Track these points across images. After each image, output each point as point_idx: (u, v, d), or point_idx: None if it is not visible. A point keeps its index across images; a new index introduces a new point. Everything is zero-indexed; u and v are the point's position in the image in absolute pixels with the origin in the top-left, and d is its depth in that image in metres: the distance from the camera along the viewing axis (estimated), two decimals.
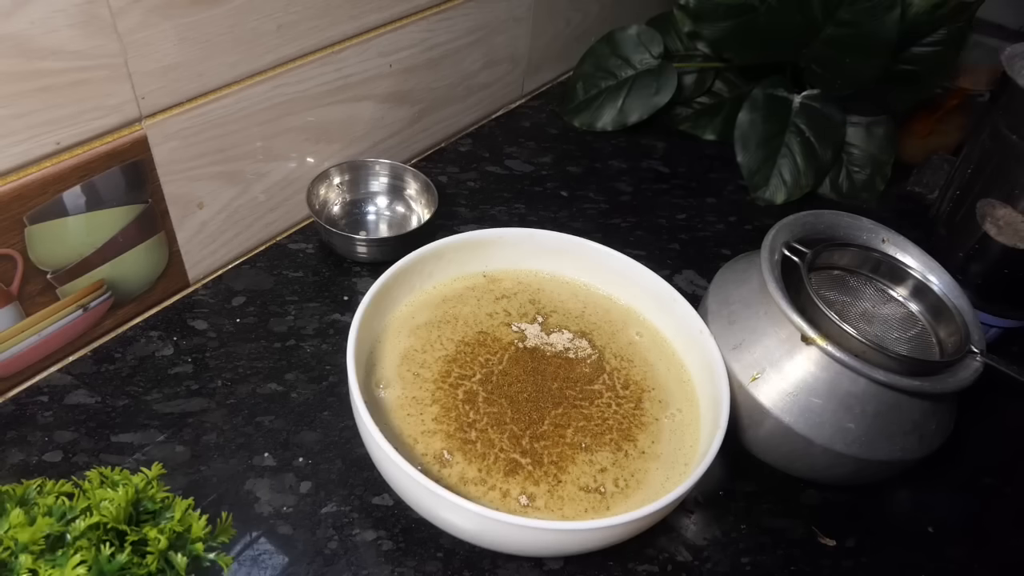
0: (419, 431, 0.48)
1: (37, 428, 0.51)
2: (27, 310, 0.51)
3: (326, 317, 0.61)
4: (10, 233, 0.48)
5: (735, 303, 0.54)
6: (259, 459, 0.51)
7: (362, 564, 0.47)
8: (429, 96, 0.76)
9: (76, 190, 0.50)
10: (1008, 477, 0.58)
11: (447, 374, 0.52)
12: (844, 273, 0.56)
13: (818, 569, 0.50)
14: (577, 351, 0.55)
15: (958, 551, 0.53)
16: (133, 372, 0.55)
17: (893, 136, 0.81)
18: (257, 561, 0.46)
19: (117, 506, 0.34)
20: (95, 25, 0.46)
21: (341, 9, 0.61)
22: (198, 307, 0.60)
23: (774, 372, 0.50)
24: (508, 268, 0.60)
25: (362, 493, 0.50)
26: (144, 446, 0.51)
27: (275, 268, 0.65)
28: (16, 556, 0.32)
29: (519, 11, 0.82)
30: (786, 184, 0.79)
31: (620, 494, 0.47)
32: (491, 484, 0.46)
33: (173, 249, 0.59)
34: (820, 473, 0.52)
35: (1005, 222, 0.61)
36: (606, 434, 0.50)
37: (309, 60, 0.61)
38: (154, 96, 0.52)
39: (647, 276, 0.57)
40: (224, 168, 0.60)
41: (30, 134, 0.46)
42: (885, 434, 0.49)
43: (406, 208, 0.71)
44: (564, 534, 0.42)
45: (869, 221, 0.57)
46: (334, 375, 0.57)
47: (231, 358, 0.57)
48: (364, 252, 0.64)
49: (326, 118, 0.66)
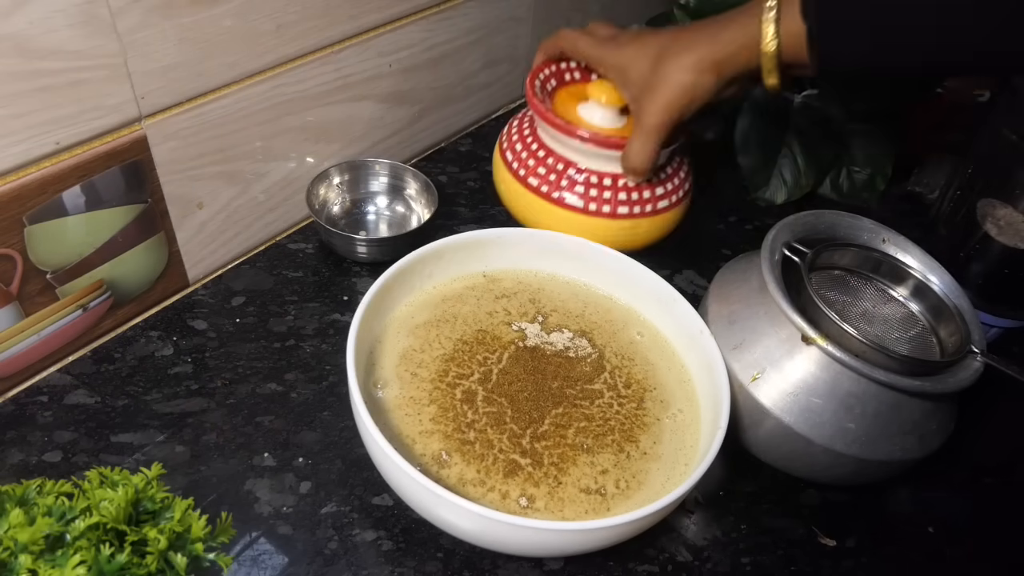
0: (417, 431, 0.48)
1: (37, 428, 0.51)
2: (27, 310, 0.51)
3: (326, 317, 0.61)
4: (10, 233, 0.48)
5: (735, 303, 0.54)
6: (259, 459, 0.51)
7: (362, 564, 0.47)
8: (429, 96, 0.76)
9: (76, 190, 0.50)
10: (1008, 477, 0.58)
11: (444, 373, 0.52)
12: (844, 273, 0.56)
13: (818, 569, 0.50)
14: (577, 350, 0.55)
15: (958, 551, 0.53)
16: (133, 372, 0.55)
17: (893, 136, 0.81)
18: (257, 561, 0.46)
19: (117, 506, 0.34)
20: (94, 25, 0.46)
21: (341, 9, 0.61)
22: (198, 307, 0.60)
23: (774, 372, 0.50)
24: (508, 268, 0.60)
25: (362, 493, 0.50)
26: (144, 446, 0.51)
27: (275, 268, 0.65)
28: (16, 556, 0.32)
29: (519, 11, 0.82)
30: (786, 184, 0.79)
31: (621, 495, 0.47)
32: (490, 485, 0.46)
33: (173, 249, 0.59)
34: (820, 473, 0.51)
35: (1005, 222, 0.61)
36: (608, 435, 0.50)
37: (309, 60, 0.61)
38: (154, 96, 0.52)
39: (647, 276, 0.57)
40: (224, 168, 0.60)
41: (29, 134, 0.46)
42: (885, 434, 0.49)
43: (406, 208, 0.71)
44: (564, 534, 0.42)
45: (869, 221, 0.57)
46: (334, 375, 0.57)
47: (231, 358, 0.57)
48: (364, 252, 0.64)
49: (326, 118, 0.66)
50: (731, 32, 0.50)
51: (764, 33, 0.49)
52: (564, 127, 0.57)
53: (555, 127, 0.58)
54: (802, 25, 0.47)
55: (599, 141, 0.57)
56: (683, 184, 0.62)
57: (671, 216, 0.61)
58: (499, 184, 0.64)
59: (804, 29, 0.47)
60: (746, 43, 0.50)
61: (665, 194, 0.60)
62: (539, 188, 0.60)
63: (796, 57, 0.49)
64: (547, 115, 0.58)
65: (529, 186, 0.60)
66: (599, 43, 0.58)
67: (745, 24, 0.50)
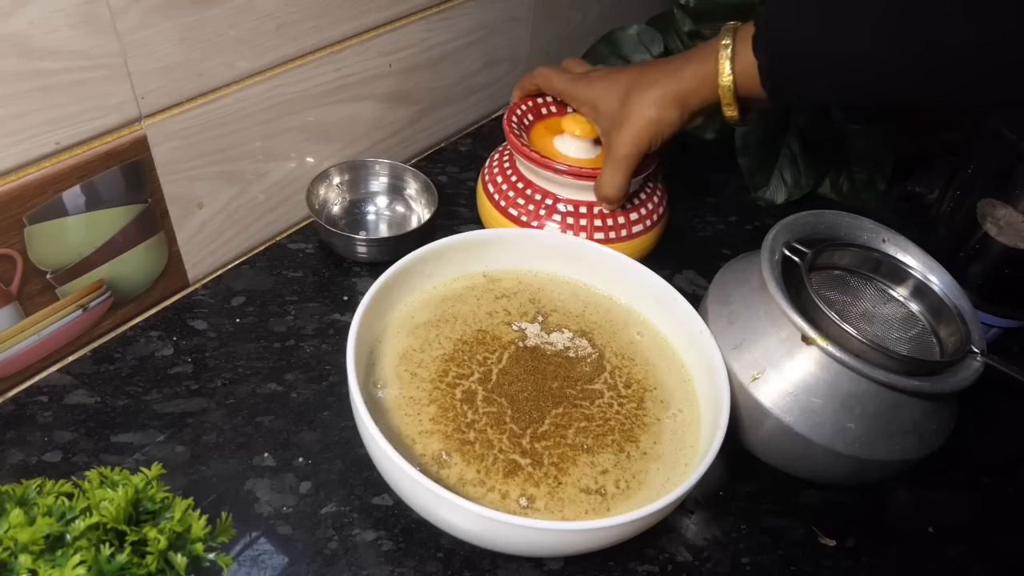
0: (416, 431, 0.48)
1: (37, 428, 0.51)
2: (27, 310, 0.51)
3: (326, 317, 0.61)
4: (10, 233, 0.48)
5: (735, 303, 0.54)
6: (259, 459, 0.51)
7: (362, 564, 0.47)
8: (429, 96, 0.76)
9: (76, 190, 0.50)
10: (1008, 477, 0.58)
11: (444, 373, 0.52)
12: (844, 273, 0.56)
13: (818, 569, 0.50)
14: (577, 350, 0.55)
15: (958, 551, 0.53)
16: (133, 372, 0.55)
17: (893, 136, 0.81)
18: (257, 561, 0.46)
19: (117, 506, 0.34)
20: (95, 25, 0.46)
21: (341, 9, 0.61)
22: (198, 307, 0.60)
23: (774, 372, 0.50)
24: (508, 268, 0.60)
25: (362, 493, 0.50)
26: (144, 446, 0.51)
27: (275, 268, 0.65)
28: (16, 556, 0.32)
29: (519, 11, 0.82)
30: (786, 184, 0.79)
31: (621, 495, 0.47)
32: (490, 486, 0.46)
33: (173, 249, 0.59)
34: (820, 473, 0.51)
35: (1005, 222, 0.61)
36: (608, 435, 0.50)
37: (309, 60, 0.61)
38: (154, 96, 0.52)
39: (647, 276, 0.57)
40: (224, 168, 0.60)
41: (30, 134, 0.46)
42: (885, 434, 0.49)
43: (406, 208, 0.71)
44: (564, 534, 0.42)
45: (869, 221, 0.57)
46: (334, 375, 0.57)
47: (231, 358, 0.57)
48: (364, 252, 0.64)
49: (326, 118, 0.66)
50: (691, 69, 0.54)
51: (720, 69, 0.52)
52: (541, 161, 0.60)
53: (532, 161, 0.61)
54: (754, 60, 0.51)
55: (574, 173, 0.60)
56: (657, 209, 0.65)
57: (646, 239, 0.64)
58: (482, 211, 0.67)
59: (756, 64, 0.51)
60: (704, 79, 0.53)
61: (639, 219, 0.63)
62: (519, 218, 0.63)
63: (751, 90, 0.52)
64: (524, 150, 0.61)
65: (510, 216, 0.63)
66: (572, 80, 0.62)
67: (704, 59, 0.53)
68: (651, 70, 0.56)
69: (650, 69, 0.56)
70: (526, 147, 0.61)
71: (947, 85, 0.47)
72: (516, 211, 0.63)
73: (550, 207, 0.62)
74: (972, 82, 0.46)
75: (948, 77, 0.46)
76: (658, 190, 0.66)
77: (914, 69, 0.46)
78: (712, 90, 0.53)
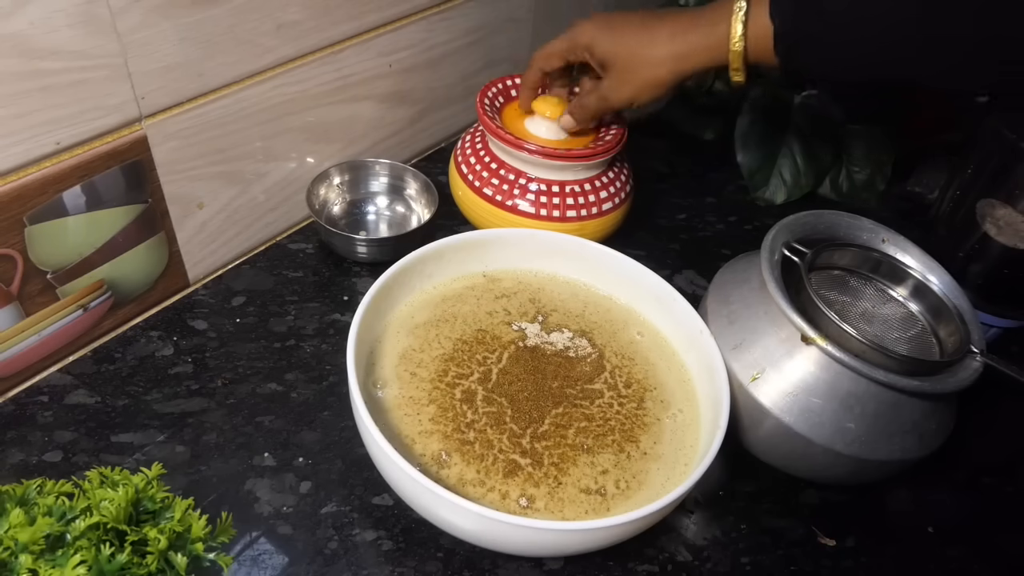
0: (416, 431, 0.48)
1: (37, 428, 0.51)
2: (27, 310, 0.51)
3: (326, 317, 0.61)
4: (10, 233, 0.48)
5: (735, 303, 0.54)
6: (259, 459, 0.51)
7: (362, 564, 0.47)
8: (429, 96, 0.76)
9: (76, 190, 0.50)
10: (1008, 477, 0.58)
11: (444, 373, 0.52)
12: (844, 273, 0.56)
13: (818, 569, 0.50)
14: (577, 350, 0.55)
15: (958, 551, 0.53)
16: (133, 372, 0.55)
17: (893, 136, 0.81)
18: (257, 561, 0.46)
19: (117, 506, 0.34)
20: (95, 25, 0.46)
21: (341, 9, 0.61)
22: (198, 307, 0.60)
23: (774, 372, 0.50)
24: (508, 268, 0.60)
25: (362, 493, 0.50)
26: (144, 446, 0.51)
27: (275, 268, 0.65)
28: (16, 556, 0.32)
29: (519, 12, 0.82)
30: (786, 184, 0.79)
31: (621, 495, 0.47)
32: (490, 486, 0.46)
33: (173, 249, 0.59)
34: (820, 473, 0.52)
35: (1005, 222, 0.61)
36: (608, 435, 0.50)
37: (309, 60, 0.61)
38: (154, 96, 0.52)
39: (647, 276, 0.57)
40: (224, 168, 0.60)
41: (30, 134, 0.46)
42: (885, 434, 0.49)
43: (406, 208, 0.71)
44: (564, 534, 0.42)
45: (869, 221, 0.57)
46: (334, 375, 0.57)
47: (231, 358, 0.57)
48: (364, 252, 0.64)
49: (326, 118, 0.66)
50: (699, 33, 0.53)
51: (732, 33, 0.51)
52: (514, 142, 0.61)
53: (505, 142, 0.62)
54: (769, 24, 0.49)
55: (546, 153, 0.61)
56: (624, 187, 0.67)
57: (615, 216, 0.66)
58: (456, 192, 0.67)
59: (771, 28, 0.49)
60: (712, 44, 0.52)
61: (608, 197, 0.65)
62: (494, 197, 0.64)
63: (762, 56, 0.51)
64: (497, 131, 0.62)
65: (484, 196, 0.64)
66: (565, 36, 0.62)
67: (715, 21, 0.52)
68: (657, 27, 0.55)
69: (655, 26, 0.55)
70: (500, 128, 0.62)
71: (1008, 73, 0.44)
72: (491, 190, 0.64)
73: (523, 186, 0.63)
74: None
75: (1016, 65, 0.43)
76: (625, 169, 0.68)
77: (974, 46, 0.43)
78: (719, 54, 0.52)
